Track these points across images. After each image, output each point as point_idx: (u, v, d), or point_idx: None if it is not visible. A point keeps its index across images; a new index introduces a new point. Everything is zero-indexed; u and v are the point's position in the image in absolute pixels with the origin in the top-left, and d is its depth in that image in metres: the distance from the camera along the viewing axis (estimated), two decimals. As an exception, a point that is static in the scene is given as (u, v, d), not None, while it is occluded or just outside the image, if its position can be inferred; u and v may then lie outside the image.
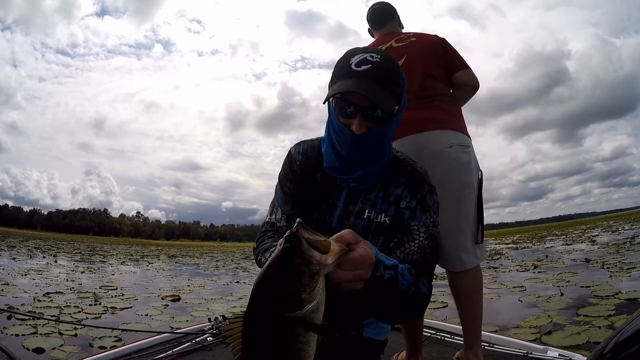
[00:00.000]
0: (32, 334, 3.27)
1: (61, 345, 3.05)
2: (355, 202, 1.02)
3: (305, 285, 0.58)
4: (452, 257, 1.61)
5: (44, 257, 14.41)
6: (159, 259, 17.95)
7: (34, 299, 4.96)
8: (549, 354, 1.91)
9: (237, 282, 8.64)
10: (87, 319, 4.09)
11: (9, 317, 3.65)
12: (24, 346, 2.98)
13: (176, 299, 5.67)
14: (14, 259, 12.52)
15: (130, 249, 32.42)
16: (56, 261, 12.63)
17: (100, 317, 4.25)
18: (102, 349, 2.90)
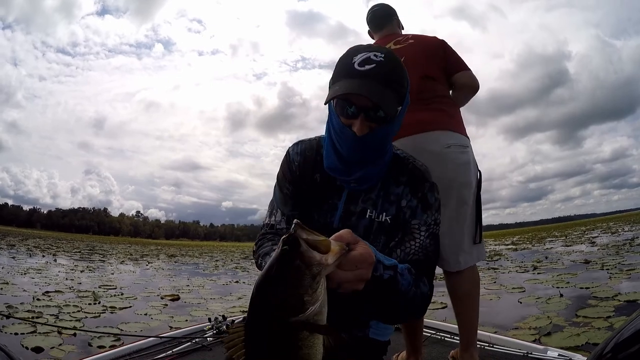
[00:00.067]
0: (31, 332, 3.27)
1: (60, 344, 3.04)
2: (356, 202, 1.00)
3: (307, 287, 0.56)
4: (449, 257, 1.61)
5: (44, 256, 14.38)
6: (158, 259, 17.92)
7: (34, 298, 4.95)
8: (548, 354, 1.92)
9: (237, 282, 8.63)
10: (87, 318, 4.08)
11: (7, 317, 3.64)
12: (23, 345, 2.98)
13: (175, 299, 5.67)
14: (14, 257, 12.52)
15: (129, 248, 32.38)
16: (55, 260, 12.60)
17: (99, 316, 4.24)
18: (101, 348, 2.90)
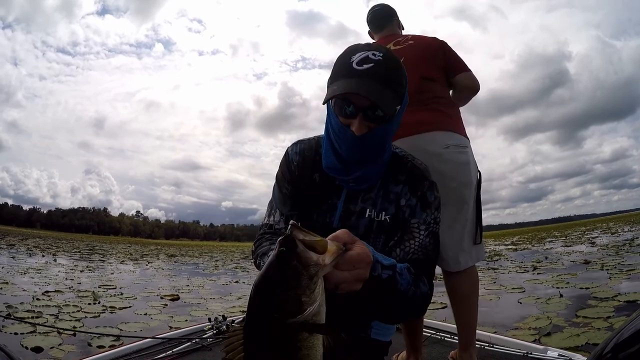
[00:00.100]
0: (30, 332, 3.27)
1: (60, 344, 3.04)
2: (355, 201, 1.00)
3: (304, 287, 0.56)
4: (449, 257, 1.61)
5: (43, 255, 14.39)
6: (158, 258, 17.93)
7: (33, 298, 4.96)
8: (548, 354, 1.92)
9: (237, 281, 8.63)
10: (86, 317, 4.08)
11: (7, 316, 3.64)
12: (22, 345, 2.97)
13: (175, 299, 5.67)
14: (13, 257, 12.52)
15: (129, 248, 32.40)
16: (55, 260, 12.61)
17: (99, 316, 4.24)
18: (100, 348, 2.90)
